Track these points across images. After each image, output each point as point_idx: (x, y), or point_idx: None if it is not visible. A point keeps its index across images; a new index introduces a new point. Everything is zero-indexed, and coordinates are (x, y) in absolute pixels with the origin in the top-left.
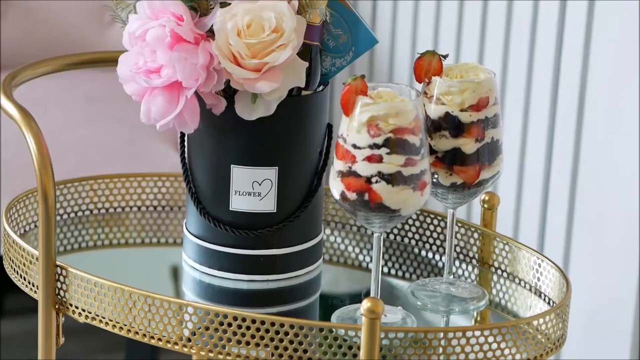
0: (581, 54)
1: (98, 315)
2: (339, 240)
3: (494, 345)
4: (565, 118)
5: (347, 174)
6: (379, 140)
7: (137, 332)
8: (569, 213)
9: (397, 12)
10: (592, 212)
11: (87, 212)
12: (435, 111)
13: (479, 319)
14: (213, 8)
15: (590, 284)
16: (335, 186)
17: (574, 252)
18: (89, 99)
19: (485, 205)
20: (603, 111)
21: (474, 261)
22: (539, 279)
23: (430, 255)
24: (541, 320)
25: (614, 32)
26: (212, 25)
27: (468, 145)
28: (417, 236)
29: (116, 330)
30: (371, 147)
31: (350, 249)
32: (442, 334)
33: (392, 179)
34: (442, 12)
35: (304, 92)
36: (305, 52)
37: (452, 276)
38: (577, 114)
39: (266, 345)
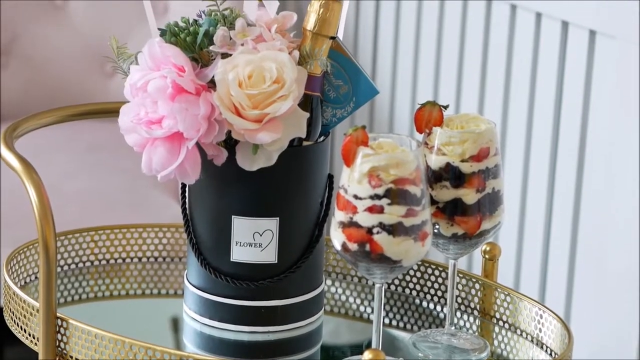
0: (581, 104)
1: None
2: (340, 291)
3: None
4: (565, 168)
5: (348, 225)
6: (380, 190)
7: None
8: (570, 263)
9: (397, 62)
10: (593, 262)
11: (88, 264)
12: (436, 162)
13: None
14: (214, 59)
15: (592, 333)
16: (337, 237)
17: (575, 302)
18: (90, 148)
19: (487, 256)
20: (603, 161)
21: (475, 312)
22: (540, 330)
23: (431, 306)
24: None
25: (614, 82)
26: (213, 76)
27: (469, 195)
28: (418, 287)
29: None
30: (372, 197)
31: (351, 299)
32: None
33: (393, 229)
34: (442, 62)
35: (305, 143)
36: (306, 103)
37: (453, 327)
38: (577, 164)
39: None
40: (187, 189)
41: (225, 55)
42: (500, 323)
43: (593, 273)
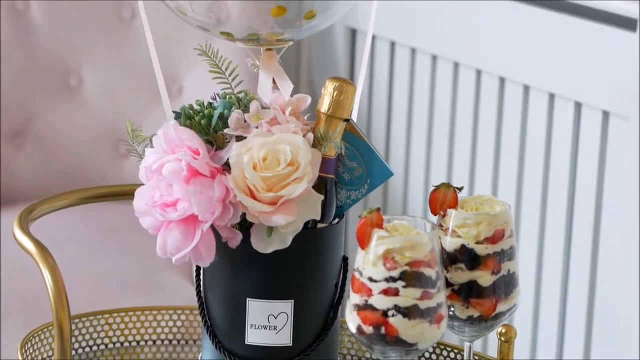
0: (595, 185)
1: None
2: None
3: None
4: (580, 249)
5: (364, 308)
6: (395, 273)
7: None
8: (585, 345)
9: (410, 144)
10: (610, 344)
11: (102, 347)
12: (451, 244)
13: None
14: (229, 141)
15: None
16: (352, 319)
17: None
18: (104, 230)
19: (502, 338)
20: (618, 243)
21: None
22: None
23: None
24: None
25: (628, 163)
26: (228, 159)
27: (484, 277)
28: None
29: None
30: (387, 280)
31: None
32: None
33: (408, 312)
34: (455, 144)
35: (319, 225)
36: (320, 185)
37: None
38: (592, 246)
39: None
40: (201, 271)
41: (239, 138)
42: None
43: (609, 354)
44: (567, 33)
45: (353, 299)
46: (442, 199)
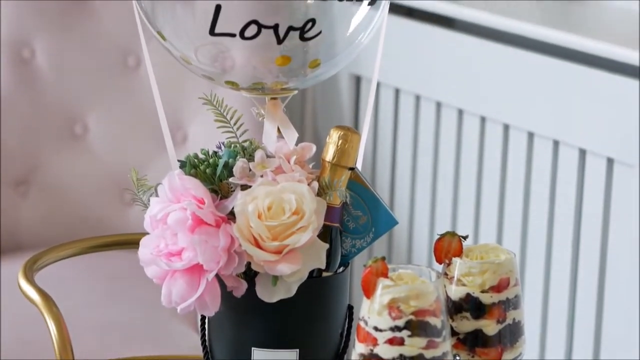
0: (600, 232)
1: None
2: None
3: None
4: (585, 297)
5: (369, 357)
6: (401, 322)
7: None
8: None
9: (415, 192)
10: None
11: None
12: (456, 292)
13: None
14: (234, 190)
15: None
16: None
17: None
18: (109, 278)
19: None
20: (624, 291)
21: None
22: None
23: None
24: None
25: (633, 211)
26: (232, 208)
27: (490, 326)
28: None
29: None
30: (392, 329)
31: None
32: None
33: None
34: (459, 192)
35: (324, 274)
36: (325, 234)
37: None
38: (597, 294)
39: None
40: (206, 319)
41: (244, 187)
42: None
43: None
44: (570, 80)
45: (358, 348)
46: (447, 248)
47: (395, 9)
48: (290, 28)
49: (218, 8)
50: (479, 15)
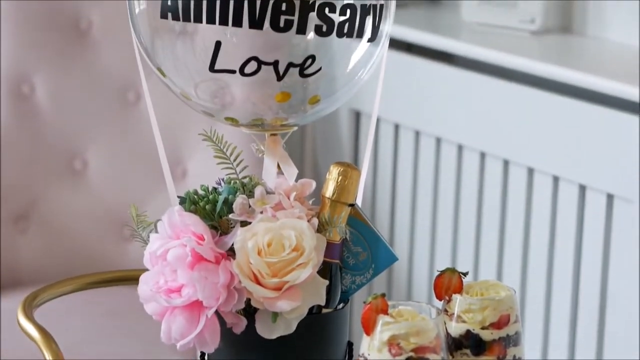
0: (600, 268)
1: None
2: None
3: None
4: (585, 334)
5: None
6: (401, 359)
7: None
8: None
9: (414, 228)
10: None
11: None
12: (456, 329)
13: None
14: (234, 227)
15: None
16: None
17: None
18: (108, 314)
19: None
20: (624, 327)
21: None
22: None
23: None
24: None
25: (633, 247)
26: (232, 244)
27: None
28: None
29: None
30: None
31: None
32: None
33: None
34: (459, 228)
35: (324, 310)
36: (325, 270)
37: None
38: (597, 331)
39: None
40: (206, 356)
41: (244, 223)
42: None
43: None
44: (570, 116)
45: None
46: (447, 284)
47: (395, 45)
48: (290, 64)
49: (218, 44)
50: (478, 51)
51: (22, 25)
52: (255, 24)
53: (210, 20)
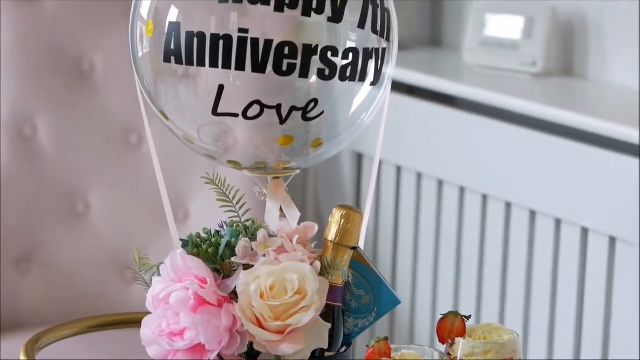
0: (602, 312)
1: None
2: None
3: None
4: None
5: None
6: None
7: None
8: None
9: (417, 271)
10: None
11: None
12: None
13: None
14: (236, 270)
15: None
16: None
17: None
18: (111, 357)
19: None
20: None
21: None
22: None
23: None
24: None
25: (635, 290)
26: (235, 287)
27: None
28: None
29: None
30: None
31: None
32: None
33: None
34: (462, 271)
35: (326, 354)
36: (327, 313)
37: None
38: None
39: None
40: None
41: (247, 266)
42: None
43: None
44: (572, 159)
45: None
46: (450, 328)
47: (397, 87)
48: (293, 108)
49: (221, 88)
50: (479, 94)
51: (24, 66)
52: (258, 67)
53: (213, 64)
